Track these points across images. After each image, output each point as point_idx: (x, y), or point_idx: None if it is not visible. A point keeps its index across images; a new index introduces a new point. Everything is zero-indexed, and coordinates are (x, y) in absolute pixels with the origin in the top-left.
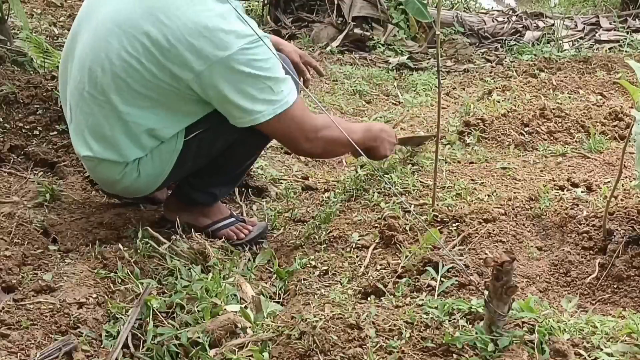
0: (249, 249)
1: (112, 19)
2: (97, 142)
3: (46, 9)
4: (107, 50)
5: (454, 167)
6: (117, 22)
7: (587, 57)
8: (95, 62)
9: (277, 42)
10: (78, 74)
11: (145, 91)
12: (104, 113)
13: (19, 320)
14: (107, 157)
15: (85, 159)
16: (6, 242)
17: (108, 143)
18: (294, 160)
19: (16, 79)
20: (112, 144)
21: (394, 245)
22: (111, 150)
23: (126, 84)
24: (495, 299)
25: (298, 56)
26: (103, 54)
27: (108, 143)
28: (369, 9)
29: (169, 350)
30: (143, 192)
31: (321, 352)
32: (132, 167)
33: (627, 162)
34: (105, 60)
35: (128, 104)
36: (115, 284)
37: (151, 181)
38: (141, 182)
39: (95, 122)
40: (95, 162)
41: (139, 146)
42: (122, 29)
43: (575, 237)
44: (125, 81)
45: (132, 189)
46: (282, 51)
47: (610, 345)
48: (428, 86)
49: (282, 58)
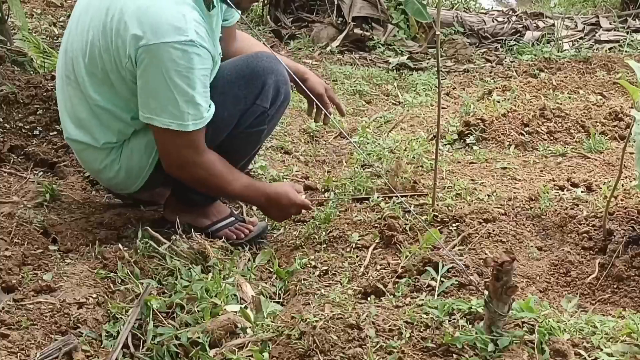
0: (249, 249)
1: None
2: (73, 125)
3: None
4: (84, 34)
5: (454, 167)
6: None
7: (587, 57)
8: (73, 44)
9: (303, 72)
10: (62, 59)
11: (106, 75)
12: (77, 95)
13: (19, 320)
14: (82, 139)
15: (69, 142)
16: (6, 242)
17: (82, 126)
18: (294, 160)
19: (16, 79)
20: (85, 126)
21: (394, 245)
22: (84, 133)
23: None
24: (495, 299)
25: (323, 89)
26: (80, 37)
27: (82, 126)
28: (369, 9)
29: (169, 350)
30: (129, 187)
31: (321, 352)
32: (113, 157)
33: (627, 162)
34: (78, 42)
35: (94, 84)
36: (115, 284)
37: (134, 175)
38: (123, 175)
39: (71, 105)
40: (77, 147)
41: (110, 130)
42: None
43: (575, 237)
44: (91, 63)
45: (115, 181)
46: (307, 81)
47: (610, 345)
48: (428, 86)
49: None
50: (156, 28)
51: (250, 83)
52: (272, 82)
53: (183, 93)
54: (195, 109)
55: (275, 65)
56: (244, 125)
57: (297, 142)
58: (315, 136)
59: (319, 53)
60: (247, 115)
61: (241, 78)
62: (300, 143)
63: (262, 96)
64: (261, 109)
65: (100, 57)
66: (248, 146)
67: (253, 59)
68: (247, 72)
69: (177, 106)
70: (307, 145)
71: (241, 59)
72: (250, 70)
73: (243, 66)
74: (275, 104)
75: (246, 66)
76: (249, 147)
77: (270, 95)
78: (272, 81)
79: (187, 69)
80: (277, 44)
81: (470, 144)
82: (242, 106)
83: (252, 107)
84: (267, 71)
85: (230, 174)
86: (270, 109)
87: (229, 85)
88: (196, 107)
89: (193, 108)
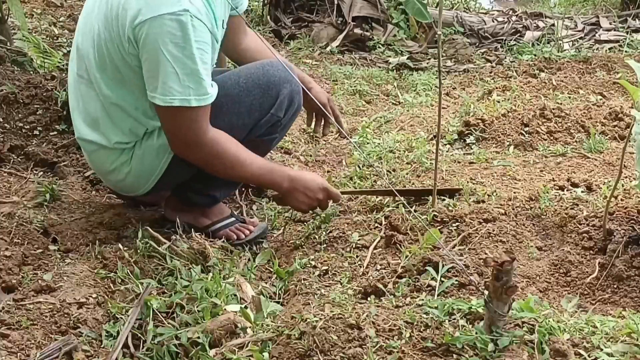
0: (249, 249)
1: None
2: (85, 123)
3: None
4: (92, 30)
5: (454, 167)
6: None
7: (587, 57)
8: (83, 42)
9: (308, 81)
10: (74, 57)
11: (115, 68)
12: (90, 93)
13: (19, 320)
14: (93, 139)
15: (80, 142)
16: (6, 242)
17: (94, 124)
18: (294, 160)
19: (16, 79)
20: (97, 125)
21: (394, 245)
22: (96, 132)
23: (101, 62)
24: (495, 299)
25: (326, 99)
26: (89, 34)
27: (94, 124)
28: (369, 9)
29: (169, 350)
30: (136, 190)
31: (321, 352)
32: (124, 159)
33: (627, 162)
34: (87, 40)
35: (105, 80)
36: (115, 284)
37: (143, 179)
38: (132, 178)
39: (83, 103)
40: (88, 147)
41: (121, 129)
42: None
43: (575, 237)
44: (100, 58)
45: (123, 184)
46: (311, 90)
47: (610, 345)
48: (428, 86)
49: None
50: (151, 3)
51: (266, 93)
52: (287, 92)
53: (182, 65)
54: (197, 83)
55: (290, 75)
56: (257, 133)
57: (297, 142)
58: (315, 136)
59: (319, 53)
60: (261, 124)
61: (257, 87)
62: (300, 143)
63: (277, 106)
64: (275, 118)
65: (107, 50)
66: (258, 153)
67: (269, 67)
68: (263, 81)
69: (178, 80)
70: (307, 145)
71: (256, 68)
72: (267, 79)
73: (259, 75)
74: (289, 113)
75: (262, 75)
76: (259, 153)
77: (285, 105)
78: (287, 91)
79: (183, 39)
80: (277, 44)
81: (470, 144)
82: (257, 115)
83: (266, 116)
84: (282, 81)
85: (244, 153)
86: (284, 118)
87: (245, 93)
88: (198, 82)
89: (194, 82)
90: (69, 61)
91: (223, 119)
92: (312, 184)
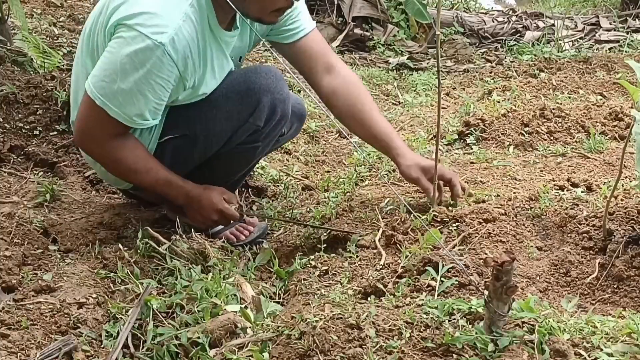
0: (249, 249)
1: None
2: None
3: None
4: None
5: (454, 167)
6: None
7: (587, 57)
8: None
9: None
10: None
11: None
12: (82, 78)
13: (19, 320)
14: None
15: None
16: (6, 242)
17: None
18: (294, 160)
19: (16, 79)
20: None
21: (394, 245)
22: None
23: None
24: (495, 299)
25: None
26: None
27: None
28: (369, 9)
29: (169, 350)
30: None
31: (321, 352)
32: None
33: (627, 162)
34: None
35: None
36: (115, 284)
37: None
38: None
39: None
40: None
41: None
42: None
43: (575, 237)
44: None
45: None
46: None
47: (610, 345)
48: (428, 86)
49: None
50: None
51: (245, 100)
52: (268, 100)
53: (125, 81)
54: (129, 104)
55: (274, 83)
56: (237, 141)
57: (297, 142)
58: (315, 136)
59: None
60: (240, 132)
61: (236, 93)
62: (300, 143)
63: (256, 114)
64: (254, 127)
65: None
66: (242, 161)
67: (251, 74)
68: (242, 87)
69: (114, 87)
70: (307, 145)
71: (239, 74)
72: (246, 86)
73: (240, 81)
74: (270, 122)
75: (243, 81)
76: (243, 162)
77: (265, 113)
78: (267, 100)
79: (141, 64)
80: None
81: (470, 144)
82: (234, 122)
83: (245, 124)
84: (263, 89)
85: (143, 163)
86: (264, 127)
87: (224, 99)
88: (130, 103)
89: (126, 100)
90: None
91: (201, 123)
92: (206, 205)
